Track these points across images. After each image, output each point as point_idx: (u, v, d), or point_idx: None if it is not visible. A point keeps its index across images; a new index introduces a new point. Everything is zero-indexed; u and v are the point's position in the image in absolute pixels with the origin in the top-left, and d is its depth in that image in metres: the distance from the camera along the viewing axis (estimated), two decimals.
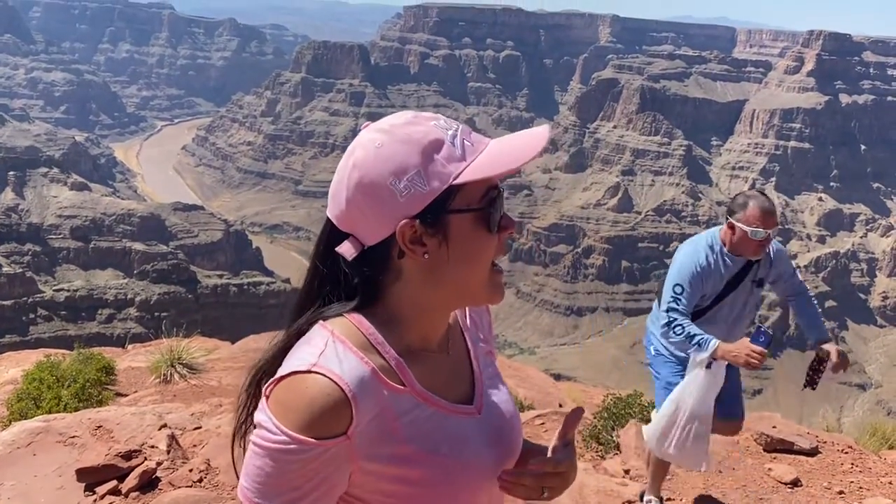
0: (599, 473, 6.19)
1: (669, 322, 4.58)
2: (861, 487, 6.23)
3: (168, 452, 5.84)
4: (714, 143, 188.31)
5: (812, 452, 6.76)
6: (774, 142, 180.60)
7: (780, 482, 6.17)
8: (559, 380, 17.95)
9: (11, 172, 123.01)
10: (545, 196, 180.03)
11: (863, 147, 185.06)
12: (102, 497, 5.38)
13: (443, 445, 1.48)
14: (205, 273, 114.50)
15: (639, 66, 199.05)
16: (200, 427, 6.70)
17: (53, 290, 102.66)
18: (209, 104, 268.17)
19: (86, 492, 5.48)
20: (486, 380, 1.67)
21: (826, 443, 7.07)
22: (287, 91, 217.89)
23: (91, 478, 5.51)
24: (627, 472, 6.32)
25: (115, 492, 5.40)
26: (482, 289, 1.50)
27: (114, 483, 5.45)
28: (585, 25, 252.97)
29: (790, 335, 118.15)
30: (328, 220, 1.49)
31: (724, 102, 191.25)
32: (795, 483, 6.16)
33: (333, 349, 1.42)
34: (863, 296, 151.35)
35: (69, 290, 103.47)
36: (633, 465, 6.44)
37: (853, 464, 6.65)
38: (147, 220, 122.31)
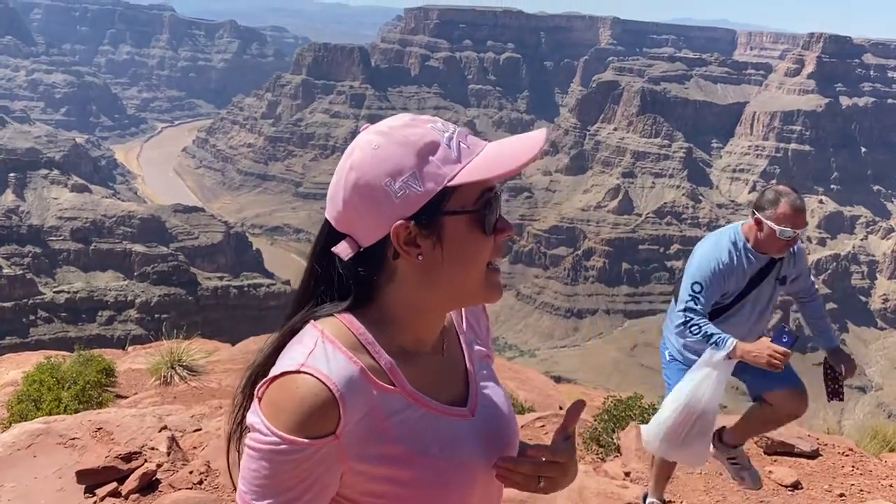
0: (600, 476, 6.18)
1: (686, 321, 4.42)
2: (862, 490, 6.23)
3: (168, 454, 5.84)
4: (714, 146, 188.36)
5: (813, 455, 6.75)
6: (775, 144, 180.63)
7: (781, 485, 6.16)
8: (559, 382, 17.95)
9: (12, 174, 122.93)
10: (545, 198, 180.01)
11: (863, 149, 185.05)
12: (102, 499, 5.38)
13: (433, 446, 1.48)
14: (205, 275, 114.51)
15: (639, 69, 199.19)
16: (200, 429, 6.70)
17: (54, 292, 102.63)
18: (210, 106, 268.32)
19: (86, 493, 5.48)
20: (482, 382, 1.66)
21: (827, 445, 7.07)
22: (287, 93, 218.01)
23: (91, 479, 5.51)
24: (628, 475, 6.31)
25: (115, 494, 5.40)
26: (478, 289, 1.50)
27: (114, 485, 5.44)
28: (586, 28, 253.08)
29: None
30: (326, 221, 1.50)
31: (725, 105, 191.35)
32: (796, 486, 6.15)
33: (322, 349, 1.42)
34: (863, 298, 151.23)
35: (69, 292, 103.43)
36: (634, 468, 6.43)
37: (854, 466, 6.64)
38: (147, 222, 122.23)
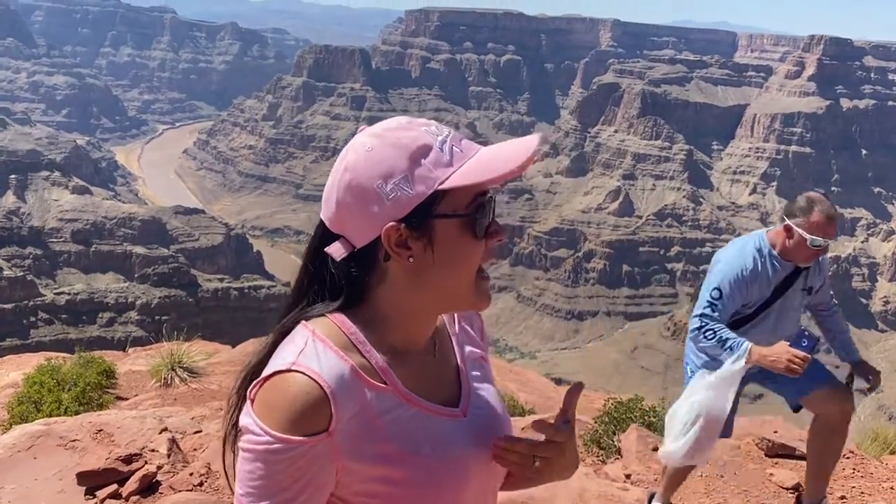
0: (600, 478, 6.17)
1: (700, 326, 4.27)
2: (863, 493, 6.22)
3: (168, 456, 5.84)
4: (715, 148, 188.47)
5: None
6: (775, 146, 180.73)
7: (782, 487, 6.15)
8: (560, 384, 17.94)
9: (13, 176, 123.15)
10: (546, 200, 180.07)
11: (864, 151, 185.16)
12: (103, 501, 5.38)
13: (425, 445, 1.48)
14: (205, 277, 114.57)
15: (640, 71, 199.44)
16: (201, 431, 6.70)
17: (54, 294, 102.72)
18: (211, 108, 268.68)
19: (86, 495, 5.48)
20: (474, 383, 1.65)
21: None
22: (288, 95, 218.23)
23: (91, 481, 5.51)
24: (629, 477, 6.31)
25: (116, 495, 5.40)
26: (467, 295, 1.50)
27: (114, 487, 5.44)
28: (586, 30, 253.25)
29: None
30: (321, 222, 1.51)
31: (725, 107, 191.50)
32: (797, 488, 6.13)
33: (313, 348, 1.43)
34: (864, 300, 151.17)
35: (70, 294, 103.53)
36: (635, 470, 6.42)
37: (854, 469, 6.63)
38: (148, 224, 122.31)
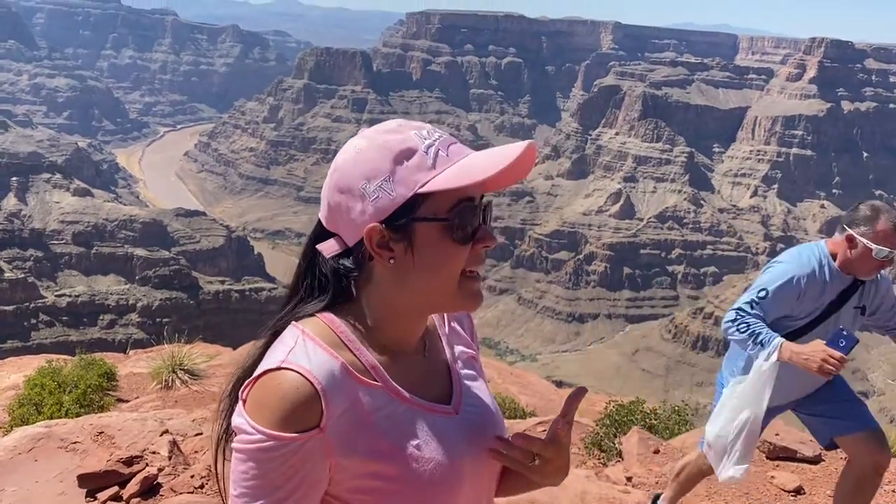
0: (601, 480, 6.16)
1: (734, 318, 3.99)
2: None
3: (169, 458, 5.83)
4: (716, 150, 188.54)
5: (815, 460, 6.71)
6: (776, 149, 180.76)
7: (784, 490, 6.14)
8: (561, 387, 17.95)
9: (14, 178, 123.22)
10: (547, 202, 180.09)
11: (865, 154, 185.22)
12: (104, 503, 5.38)
13: (417, 442, 1.48)
14: (206, 279, 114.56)
15: (641, 73, 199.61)
16: (202, 433, 6.68)
17: (55, 296, 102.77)
18: (212, 110, 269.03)
19: (87, 498, 5.48)
20: (466, 381, 1.66)
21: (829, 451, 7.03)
22: (289, 97, 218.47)
23: (92, 484, 5.50)
24: (630, 480, 6.30)
25: (117, 498, 5.40)
26: (451, 297, 1.50)
27: (115, 489, 5.44)
28: (587, 32, 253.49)
29: None
30: (319, 220, 1.54)
31: (727, 109, 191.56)
32: (798, 491, 6.12)
33: (303, 346, 1.44)
34: None
35: (71, 296, 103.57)
36: (636, 473, 6.41)
37: None
38: (149, 226, 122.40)
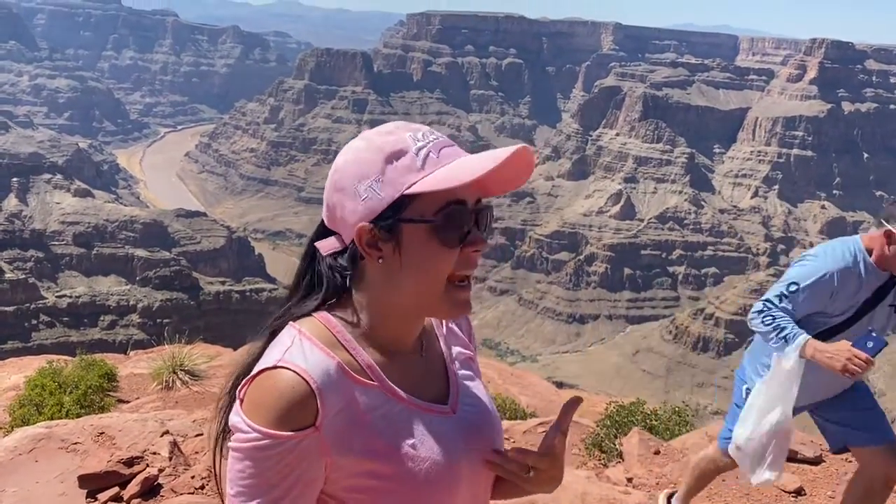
0: (602, 481, 6.15)
1: (761, 310, 3.87)
2: None
3: (170, 459, 5.83)
4: (717, 151, 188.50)
5: (816, 461, 6.71)
6: (777, 149, 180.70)
7: (784, 491, 6.14)
8: (561, 387, 17.96)
9: (15, 179, 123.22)
10: (547, 203, 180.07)
11: (865, 155, 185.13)
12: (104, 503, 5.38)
13: (414, 441, 1.49)
14: (207, 280, 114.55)
15: (641, 74, 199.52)
16: (202, 434, 6.68)
17: (56, 297, 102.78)
18: (212, 111, 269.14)
19: (88, 498, 5.47)
20: (463, 381, 1.67)
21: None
22: (290, 98, 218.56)
23: (93, 484, 5.50)
24: (630, 481, 6.29)
25: (117, 498, 5.40)
26: (438, 302, 1.50)
27: (115, 490, 5.44)
28: (588, 33, 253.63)
29: None
30: (321, 221, 1.57)
31: (727, 110, 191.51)
32: (799, 492, 6.12)
33: (299, 346, 1.45)
34: None
35: (71, 297, 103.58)
36: (637, 473, 6.41)
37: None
38: (150, 227, 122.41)
